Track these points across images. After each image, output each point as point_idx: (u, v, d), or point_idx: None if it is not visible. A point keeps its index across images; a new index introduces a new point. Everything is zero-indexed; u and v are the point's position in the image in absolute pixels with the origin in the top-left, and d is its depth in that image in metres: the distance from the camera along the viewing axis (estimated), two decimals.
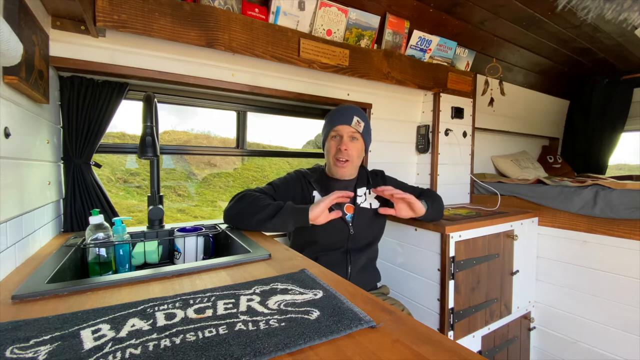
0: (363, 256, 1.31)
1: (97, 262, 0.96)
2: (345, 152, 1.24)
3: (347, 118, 1.25)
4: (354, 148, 1.26)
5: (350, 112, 1.27)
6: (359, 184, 1.36)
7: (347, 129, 1.25)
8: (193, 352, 0.42)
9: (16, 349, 0.43)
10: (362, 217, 1.31)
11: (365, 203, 1.33)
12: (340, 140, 1.26)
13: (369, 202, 1.34)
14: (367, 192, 1.36)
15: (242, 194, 1.22)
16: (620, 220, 1.54)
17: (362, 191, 1.35)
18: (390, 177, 1.47)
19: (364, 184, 1.37)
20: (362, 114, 1.30)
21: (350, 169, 1.29)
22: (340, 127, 1.26)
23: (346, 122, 1.25)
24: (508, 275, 1.67)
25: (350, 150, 1.25)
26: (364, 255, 1.31)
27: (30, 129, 0.89)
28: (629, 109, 2.77)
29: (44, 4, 0.99)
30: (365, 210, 1.32)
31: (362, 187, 1.36)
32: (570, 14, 1.73)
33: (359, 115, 1.27)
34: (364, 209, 1.32)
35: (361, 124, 1.27)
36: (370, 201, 1.35)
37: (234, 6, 1.29)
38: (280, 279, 0.69)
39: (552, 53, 2.30)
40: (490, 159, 2.60)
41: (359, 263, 1.30)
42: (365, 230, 1.31)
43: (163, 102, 1.42)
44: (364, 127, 1.28)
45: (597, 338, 1.62)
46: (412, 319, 0.54)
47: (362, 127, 1.27)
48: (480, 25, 1.87)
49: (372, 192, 1.32)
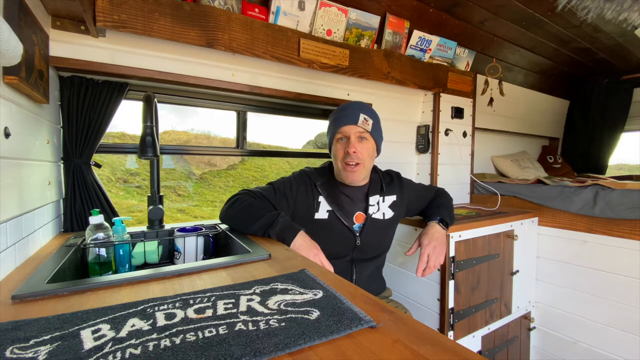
0: (370, 266, 1.24)
1: (97, 262, 0.96)
2: (354, 154, 1.11)
3: (353, 117, 1.12)
4: (363, 149, 1.12)
5: (355, 109, 1.13)
6: (371, 192, 1.22)
7: (353, 129, 1.12)
8: (193, 352, 0.42)
9: (16, 349, 0.43)
10: (373, 228, 1.20)
11: (378, 213, 1.21)
12: (348, 142, 1.12)
13: (382, 212, 1.22)
14: (381, 200, 1.22)
15: (235, 197, 1.15)
16: (620, 220, 1.54)
17: (375, 200, 1.22)
18: (408, 180, 1.36)
19: (376, 191, 1.23)
20: (369, 110, 1.16)
21: (362, 173, 1.15)
22: (346, 127, 1.12)
23: (352, 122, 1.12)
24: (508, 275, 1.67)
25: (360, 153, 1.12)
26: (370, 264, 1.24)
27: (30, 129, 0.89)
28: (629, 109, 2.77)
29: (44, 4, 0.99)
30: (377, 221, 1.21)
31: (374, 195, 1.22)
32: (570, 14, 1.73)
33: (365, 113, 1.13)
34: (375, 220, 1.20)
35: (369, 122, 1.13)
36: (384, 211, 1.22)
37: (234, 6, 1.29)
38: (280, 279, 0.69)
39: (552, 53, 2.30)
40: (490, 159, 2.60)
41: (365, 272, 1.22)
42: (374, 241, 1.21)
43: (163, 102, 1.42)
44: (373, 124, 1.14)
45: (597, 338, 1.62)
46: (412, 318, 0.54)
47: (371, 125, 1.13)
48: (480, 25, 1.87)
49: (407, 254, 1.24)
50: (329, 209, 1.18)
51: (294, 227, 1.03)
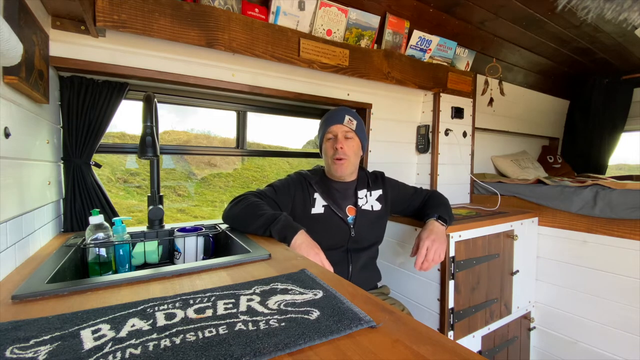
0: (364, 255, 1.31)
1: (97, 262, 0.96)
2: (342, 150, 1.25)
3: (339, 118, 1.28)
4: (349, 146, 1.27)
5: (341, 112, 1.30)
6: (360, 186, 1.36)
7: (340, 128, 1.28)
8: (193, 352, 0.42)
9: (16, 349, 0.43)
10: (364, 219, 1.31)
11: (367, 205, 1.34)
12: (335, 139, 1.28)
13: (370, 204, 1.35)
14: (368, 194, 1.36)
15: (240, 197, 1.21)
16: (620, 220, 1.54)
17: (363, 193, 1.36)
18: (390, 178, 1.47)
19: (364, 186, 1.38)
20: (353, 113, 1.32)
21: (349, 167, 1.29)
22: (333, 127, 1.28)
23: (338, 122, 1.28)
24: (508, 275, 1.67)
25: (346, 149, 1.26)
26: (364, 254, 1.31)
27: (30, 129, 0.89)
28: (629, 109, 2.77)
29: (44, 4, 0.99)
30: (367, 212, 1.33)
31: (362, 189, 1.36)
32: (570, 14, 1.73)
33: (350, 114, 1.30)
34: (365, 211, 1.32)
35: (353, 122, 1.29)
36: (372, 203, 1.35)
37: (234, 6, 1.29)
38: (280, 279, 0.69)
39: (552, 53, 2.29)
40: (490, 159, 2.60)
41: (360, 262, 1.30)
42: (367, 232, 1.31)
43: (163, 102, 1.42)
44: (357, 125, 1.30)
45: (597, 338, 1.62)
46: (412, 319, 0.54)
47: (355, 125, 1.29)
48: (480, 25, 1.87)
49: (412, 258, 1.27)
50: (324, 204, 1.28)
51: (295, 225, 1.06)
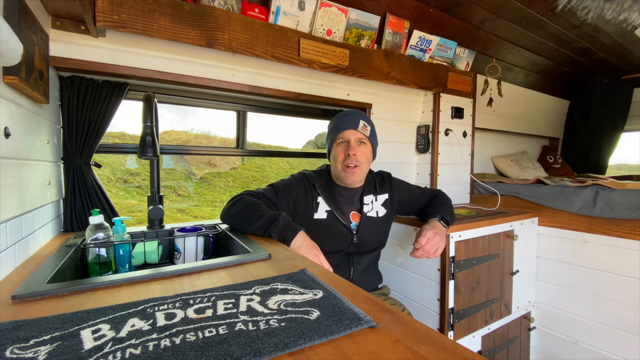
0: (365, 259, 1.30)
1: (97, 262, 0.96)
2: (354, 157, 1.19)
3: (354, 122, 1.21)
4: (362, 153, 1.21)
5: (356, 116, 1.23)
6: (366, 192, 1.31)
7: (354, 133, 1.21)
8: (193, 352, 0.42)
9: (16, 349, 0.43)
10: (368, 226, 1.27)
11: (372, 212, 1.29)
12: (348, 145, 1.20)
13: (376, 210, 1.30)
14: (374, 200, 1.31)
15: (237, 197, 1.18)
16: (620, 220, 1.54)
17: (369, 199, 1.30)
18: (397, 179, 1.42)
19: (370, 190, 1.32)
20: (367, 118, 1.26)
21: (360, 175, 1.23)
22: (346, 132, 1.21)
23: (353, 127, 1.20)
24: (508, 275, 1.67)
25: (359, 155, 1.20)
26: (366, 258, 1.30)
27: (30, 129, 0.89)
28: (629, 109, 2.77)
29: (44, 4, 0.99)
30: (372, 219, 1.28)
31: (369, 194, 1.31)
32: (570, 14, 1.73)
33: (365, 120, 1.23)
34: (370, 217, 1.28)
35: (368, 128, 1.23)
36: (377, 209, 1.31)
37: (234, 6, 1.29)
38: (280, 279, 0.69)
39: (552, 53, 2.29)
40: (490, 159, 2.60)
41: (361, 265, 1.28)
42: (370, 238, 1.28)
43: (163, 102, 1.42)
44: (371, 130, 1.25)
45: (597, 338, 1.62)
46: (412, 319, 0.54)
47: (369, 130, 1.24)
48: (480, 25, 1.87)
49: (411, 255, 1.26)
50: (327, 209, 1.24)
51: (294, 226, 1.04)
